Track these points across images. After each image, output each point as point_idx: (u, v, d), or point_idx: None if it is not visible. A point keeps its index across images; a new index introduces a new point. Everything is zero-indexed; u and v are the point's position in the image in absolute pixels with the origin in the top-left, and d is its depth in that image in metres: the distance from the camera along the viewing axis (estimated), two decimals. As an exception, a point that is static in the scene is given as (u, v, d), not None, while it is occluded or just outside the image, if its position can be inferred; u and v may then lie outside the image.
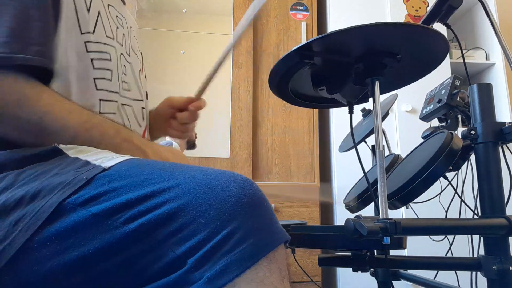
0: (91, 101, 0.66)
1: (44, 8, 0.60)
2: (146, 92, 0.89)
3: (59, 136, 0.57)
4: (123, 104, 0.75)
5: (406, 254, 1.66)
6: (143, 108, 0.81)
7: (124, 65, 0.76)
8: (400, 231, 0.61)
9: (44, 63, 0.58)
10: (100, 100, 0.68)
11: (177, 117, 0.90)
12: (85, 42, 0.66)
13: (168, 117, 0.91)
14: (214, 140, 2.00)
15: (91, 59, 0.67)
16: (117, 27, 0.76)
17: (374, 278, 1.03)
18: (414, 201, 0.77)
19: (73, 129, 0.57)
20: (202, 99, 0.88)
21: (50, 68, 0.59)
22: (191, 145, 1.34)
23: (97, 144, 0.58)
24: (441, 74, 1.93)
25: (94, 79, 0.67)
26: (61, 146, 0.57)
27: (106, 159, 0.51)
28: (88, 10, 0.68)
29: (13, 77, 0.56)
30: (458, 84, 0.94)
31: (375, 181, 0.76)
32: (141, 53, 0.99)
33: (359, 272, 0.94)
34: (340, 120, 2.04)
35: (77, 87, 0.64)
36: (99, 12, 0.70)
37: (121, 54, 0.75)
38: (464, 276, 1.01)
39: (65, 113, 0.57)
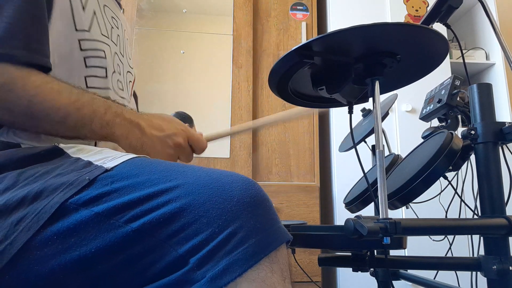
0: None
1: (41, 5, 0.60)
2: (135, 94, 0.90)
3: (49, 117, 0.57)
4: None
5: (406, 254, 1.66)
6: (130, 109, 0.82)
7: (118, 64, 0.77)
8: (400, 231, 0.61)
9: (45, 62, 0.59)
10: None
11: None
12: (79, 40, 0.66)
13: None
14: (214, 140, 2.00)
15: (84, 57, 0.67)
16: (112, 27, 0.76)
17: (374, 278, 1.03)
18: (414, 201, 0.77)
19: (64, 109, 0.57)
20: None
21: (47, 65, 0.60)
22: None
23: (89, 122, 0.59)
24: (441, 74, 1.94)
25: (85, 77, 0.67)
26: (61, 146, 0.57)
27: (108, 159, 0.52)
28: (84, 8, 0.68)
29: (2, 63, 0.56)
30: (458, 84, 0.94)
31: (375, 181, 0.76)
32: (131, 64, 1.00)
33: (359, 272, 0.94)
34: (340, 120, 2.04)
35: None
36: (94, 12, 0.71)
37: (115, 53, 0.76)
38: (464, 276, 1.01)
39: (54, 94, 0.57)
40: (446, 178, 0.83)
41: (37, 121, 0.57)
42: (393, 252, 1.09)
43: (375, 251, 0.94)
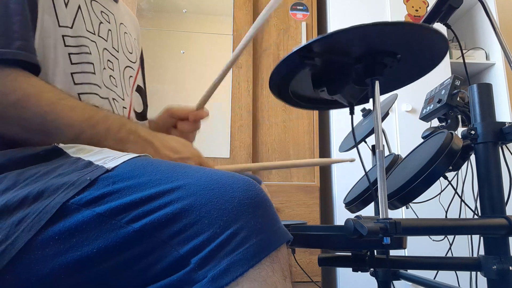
0: None
1: (23, 2, 0.60)
2: (142, 90, 0.89)
3: (63, 134, 0.57)
4: (113, 99, 0.75)
5: (406, 254, 1.66)
6: (124, 107, 0.81)
7: (109, 60, 0.76)
8: (400, 231, 0.62)
9: (30, 58, 0.58)
10: (79, 94, 0.68)
11: (178, 126, 0.88)
12: (62, 36, 0.66)
13: (169, 126, 0.90)
14: (214, 140, 2.00)
15: (69, 54, 0.67)
16: (101, 22, 0.75)
17: (374, 278, 1.03)
18: (414, 201, 0.77)
19: (77, 126, 0.57)
20: (203, 109, 0.89)
21: (35, 62, 0.59)
22: None
23: (103, 138, 0.59)
24: (441, 74, 1.94)
25: (72, 73, 0.67)
26: (61, 146, 0.57)
27: (108, 159, 0.52)
28: (66, 4, 0.68)
29: (13, 75, 0.56)
30: (458, 84, 0.94)
31: (375, 181, 0.76)
32: (142, 51, 0.99)
33: (359, 272, 0.94)
34: (340, 120, 2.04)
35: (54, 81, 0.64)
36: (79, 6, 0.70)
37: (104, 49, 0.75)
38: (464, 276, 1.01)
39: (67, 111, 0.57)
40: (446, 178, 0.83)
41: (51, 138, 0.57)
42: (393, 252, 1.09)
43: (375, 251, 0.94)
